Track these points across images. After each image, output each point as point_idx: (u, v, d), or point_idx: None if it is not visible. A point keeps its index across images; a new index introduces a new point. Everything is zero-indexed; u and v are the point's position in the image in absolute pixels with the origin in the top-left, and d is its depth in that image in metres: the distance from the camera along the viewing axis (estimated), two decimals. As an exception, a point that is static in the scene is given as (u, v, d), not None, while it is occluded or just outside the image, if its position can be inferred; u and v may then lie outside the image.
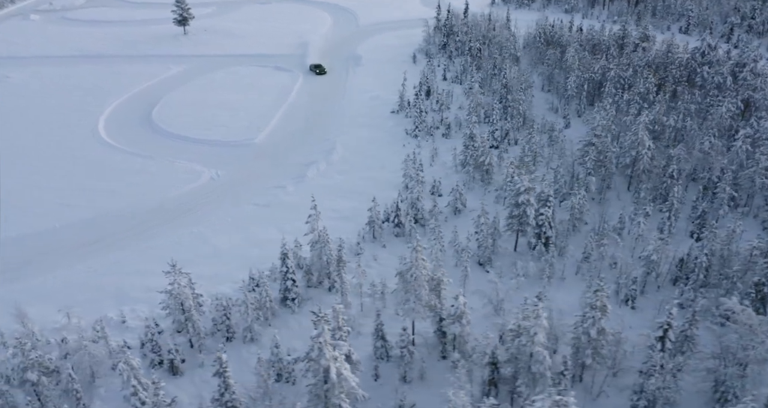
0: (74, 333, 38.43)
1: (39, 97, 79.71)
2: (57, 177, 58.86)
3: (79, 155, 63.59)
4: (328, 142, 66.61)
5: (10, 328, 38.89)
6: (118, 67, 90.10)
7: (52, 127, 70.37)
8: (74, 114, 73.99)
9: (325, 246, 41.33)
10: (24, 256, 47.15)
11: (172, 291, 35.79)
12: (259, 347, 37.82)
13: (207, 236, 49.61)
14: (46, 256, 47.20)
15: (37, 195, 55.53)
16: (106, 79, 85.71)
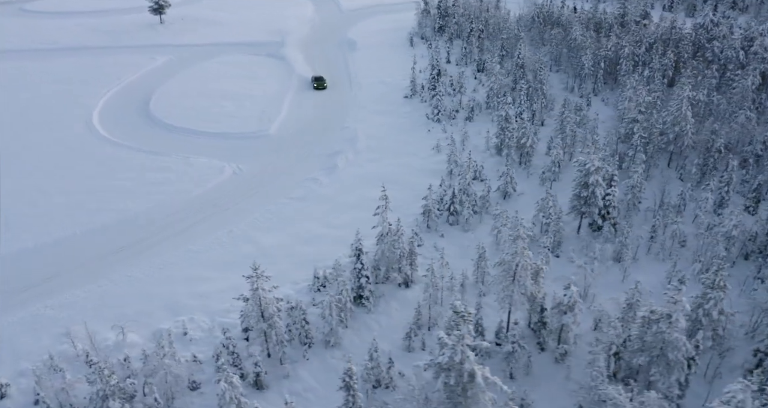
0: (132, 350, 34.63)
1: (23, 92, 72.97)
2: (61, 178, 53.52)
3: (80, 154, 58.19)
4: (349, 131, 63.35)
5: (56, 349, 34.64)
6: (100, 59, 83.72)
7: (43, 124, 64.28)
8: (65, 110, 67.96)
9: (399, 238, 38.47)
10: (47, 268, 42.23)
11: (253, 297, 32.29)
12: (342, 352, 34.85)
13: (248, 235, 45.86)
14: (73, 266, 42.49)
15: (44, 199, 50.27)
16: (90, 71, 79.43)
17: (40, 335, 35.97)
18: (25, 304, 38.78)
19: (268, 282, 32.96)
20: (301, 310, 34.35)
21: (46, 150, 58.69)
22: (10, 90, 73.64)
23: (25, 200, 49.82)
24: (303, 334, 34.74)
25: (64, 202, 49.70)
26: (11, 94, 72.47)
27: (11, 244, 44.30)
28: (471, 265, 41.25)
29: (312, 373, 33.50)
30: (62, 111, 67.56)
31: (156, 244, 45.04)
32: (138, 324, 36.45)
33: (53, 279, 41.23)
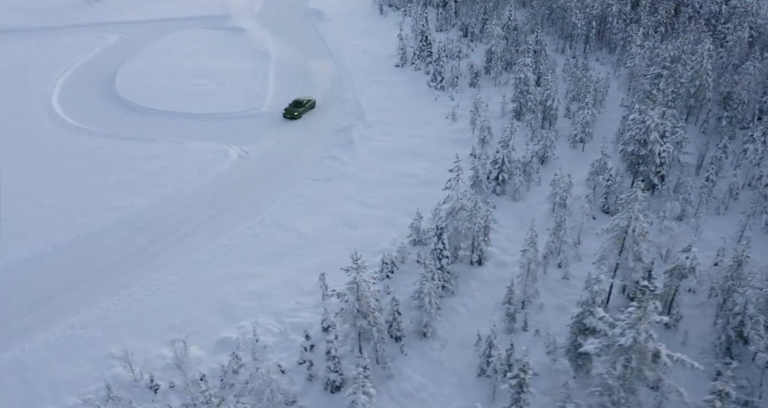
0: (200, 366, 29.56)
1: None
2: (44, 178, 45.79)
3: (56, 147, 50.23)
4: (351, 103, 58.68)
5: (105, 376, 28.95)
6: (41, 41, 73.50)
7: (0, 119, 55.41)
8: (19, 98, 58.84)
9: (476, 213, 35.03)
10: (55, 279, 35.63)
11: (352, 290, 27.94)
12: (439, 341, 31.31)
13: (283, 222, 40.87)
14: (86, 275, 36.13)
15: (29, 202, 42.71)
16: (34, 55, 69.46)
17: (76, 360, 30.00)
18: (44, 325, 32.40)
19: (367, 273, 28.67)
20: (395, 301, 30.38)
21: (14, 147, 50.18)
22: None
23: (7, 205, 42.11)
24: (396, 327, 30.88)
25: (56, 204, 42.39)
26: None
27: (4, 254, 37.15)
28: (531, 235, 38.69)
29: (415, 369, 29.80)
30: (17, 102, 58.45)
31: (179, 242, 39.20)
32: (196, 335, 31.22)
33: (67, 292, 34.84)
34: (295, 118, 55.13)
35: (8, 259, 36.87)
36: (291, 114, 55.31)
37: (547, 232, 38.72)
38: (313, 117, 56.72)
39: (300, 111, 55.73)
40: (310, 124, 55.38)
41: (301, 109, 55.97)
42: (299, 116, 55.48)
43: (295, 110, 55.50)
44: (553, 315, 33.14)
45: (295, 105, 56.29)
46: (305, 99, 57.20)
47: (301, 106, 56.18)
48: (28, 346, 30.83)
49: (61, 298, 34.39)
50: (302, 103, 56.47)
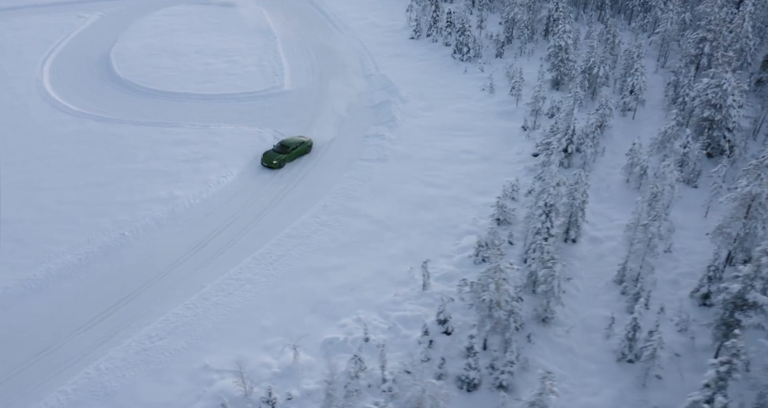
0: (311, 372, 26.35)
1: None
2: (54, 169, 40.58)
3: (60, 135, 44.78)
4: (377, 78, 55.11)
5: (209, 393, 25.39)
6: (9, 23, 66.00)
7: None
8: (6, 85, 52.50)
9: (578, 188, 32.64)
10: (112, 285, 31.40)
11: (486, 278, 25.16)
12: (562, 327, 29.00)
13: (348, 208, 37.42)
14: (146, 277, 31.94)
15: (50, 197, 37.70)
16: (7, 38, 62.23)
17: (168, 377, 26.16)
18: (113, 339, 28.28)
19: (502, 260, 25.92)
20: (516, 287, 27.82)
21: (13, 138, 44.51)
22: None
23: (26, 203, 36.98)
24: (517, 315, 28.39)
25: (80, 198, 37.52)
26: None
27: (44, 261, 32.41)
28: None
29: (548, 358, 27.41)
30: (3, 89, 52.14)
31: (241, 234, 35.33)
32: (295, 337, 27.84)
33: (128, 300, 30.69)
34: (273, 167, 41.30)
35: (50, 267, 32.20)
36: (269, 162, 41.37)
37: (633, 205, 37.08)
38: (333, 93, 52.59)
39: (282, 158, 41.57)
40: (335, 102, 51.32)
41: (284, 156, 41.69)
42: (280, 165, 41.53)
43: (275, 157, 41.47)
44: (668, 290, 31.39)
45: (280, 149, 42.33)
46: (295, 141, 42.90)
47: (286, 151, 42.07)
48: (103, 366, 26.79)
49: (124, 307, 30.21)
50: (290, 147, 42.31)
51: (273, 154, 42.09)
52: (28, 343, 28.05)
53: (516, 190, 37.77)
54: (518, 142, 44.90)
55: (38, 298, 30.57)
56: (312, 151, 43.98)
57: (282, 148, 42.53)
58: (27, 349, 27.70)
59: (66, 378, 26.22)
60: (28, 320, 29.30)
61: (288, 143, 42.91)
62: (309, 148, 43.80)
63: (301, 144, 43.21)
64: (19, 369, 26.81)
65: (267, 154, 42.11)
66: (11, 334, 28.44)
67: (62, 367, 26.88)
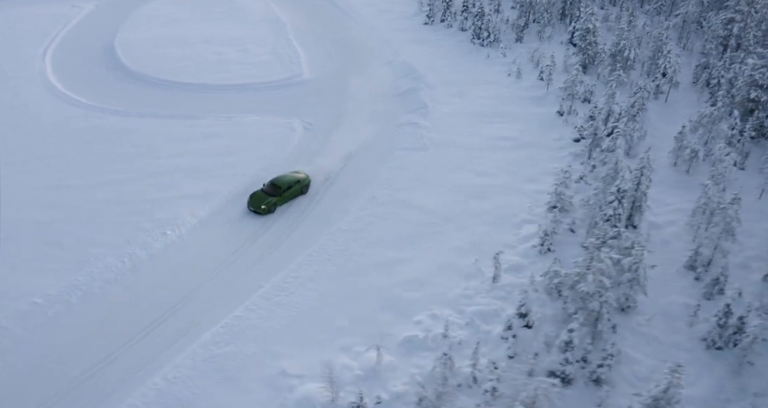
0: (395, 373, 24.98)
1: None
2: (75, 166, 38.16)
3: (76, 131, 42.22)
4: (399, 65, 53.38)
5: (291, 400, 23.83)
6: (4, 13, 62.24)
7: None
8: (9, 78, 49.44)
9: (646, 171, 31.66)
10: (163, 290, 29.48)
11: (584, 268, 24.03)
12: (642, 315, 28.09)
13: (397, 198, 35.83)
14: (198, 279, 30.04)
15: (78, 195, 35.30)
16: (2, 29, 58.72)
17: (244, 385, 24.43)
18: (176, 346, 26.47)
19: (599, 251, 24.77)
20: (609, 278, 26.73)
21: (24, 135, 41.82)
22: None
23: (52, 203, 34.63)
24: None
25: (110, 197, 35.14)
26: None
27: (86, 266, 30.21)
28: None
29: (636, 348, 26.36)
30: (6, 82, 49.11)
31: (291, 230, 33.67)
32: (373, 337, 26.42)
33: (184, 303, 28.82)
34: (261, 212, 34.25)
35: (93, 271, 29.97)
36: (257, 206, 34.25)
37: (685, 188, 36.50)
38: (356, 81, 50.50)
39: (273, 202, 34.51)
40: (358, 91, 49.42)
41: (275, 199, 34.59)
42: (270, 210, 34.58)
43: (264, 200, 34.41)
44: (739, 275, 30.71)
45: (271, 190, 35.15)
46: (289, 180, 35.75)
47: (277, 192, 34.90)
48: (171, 375, 24.95)
49: (180, 311, 28.39)
50: (282, 187, 35.14)
51: (261, 196, 34.82)
52: (81, 354, 26.07)
53: (569, 177, 36.72)
54: (556, 127, 43.86)
55: (85, 305, 28.50)
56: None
57: (273, 188, 35.19)
58: (81, 361, 25.74)
59: (131, 390, 24.34)
60: (77, 329, 27.30)
61: (280, 183, 35.49)
62: (306, 187, 36.52)
63: (296, 183, 35.87)
64: (75, 383, 24.85)
65: (254, 196, 34.93)
66: (61, 345, 26.39)
67: (124, 379, 25.02)
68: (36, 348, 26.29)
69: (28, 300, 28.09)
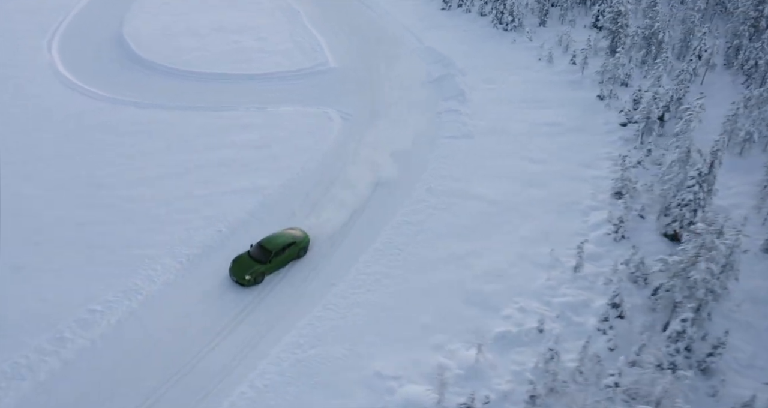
0: (496, 371, 23.76)
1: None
2: (105, 162, 35.86)
3: (99, 124, 39.72)
4: (426, 51, 51.83)
5: (390, 401, 22.42)
6: (1, 4, 58.74)
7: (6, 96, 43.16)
8: (17, 71, 46.43)
9: (719, 154, 30.83)
10: (234, 290, 27.68)
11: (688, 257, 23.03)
12: (732, 301, 27.32)
13: (453, 189, 34.42)
14: (268, 278, 28.32)
15: (117, 195, 33.18)
16: (4, 21, 55.35)
17: (341, 389, 22.84)
18: (255, 350, 24.80)
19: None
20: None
21: (47, 132, 39.21)
22: None
23: (91, 206, 32.41)
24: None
25: (153, 195, 33.04)
26: None
27: (138, 267, 28.22)
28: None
29: (734, 336, 25.56)
30: (15, 75, 46.14)
31: (352, 225, 32.01)
32: (462, 333, 25.12)
33: (255, 304, 27.05)
34: (245, 284, 27.24)
35: (151, 273, 28.00)
36: (240, 277, 27.22)
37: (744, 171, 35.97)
38: (383, 69, 49.00)
39: (260, 271, 27.48)
40: (388, 79, 47.63)
41: (263, 268, 27.51)
42: (256, 281, 27.50)
43: (250, 269, 27.30)
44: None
45: (259, 254, 27.94)
46: (283, 240, 28.51)
47: (266, 258, 27.69)
48: (259, 383, 23.25)
49: (254, 313, 26.66)
50: (274, 250, 27.87)
51: (247, 262, 27.66)
52: (152, 364, 24.20)
53: (626, 162, 35.79)
54: (599, 111, 42.92)
55: (148, 310, 26.53)
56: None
57: (261, 252, 27.93)
58: (153, 372, 23.88)
59: (218, 401, 22.66)
60: (143, 337, 25.37)
61: (271, 245, 28.09)
62: (303, 250, 29.31)
63: (290, 245, 28.54)
64: (155, 397, 23.02)
65: (238, 261, 27.85)
66: (128, 357, 24.45)
67: (208, 389, 23.28)
68: (102, 360, 24.28)
69: (87, 307, 26.05)
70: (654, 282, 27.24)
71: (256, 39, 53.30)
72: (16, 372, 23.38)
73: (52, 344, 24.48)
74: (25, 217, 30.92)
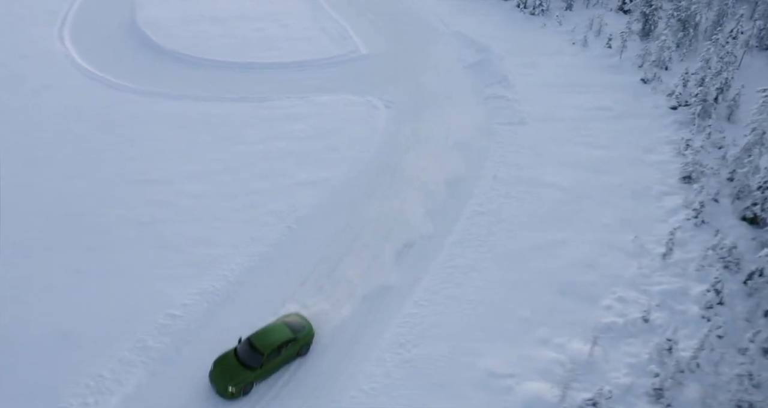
0: (609, 365, 22.96)
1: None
2: (155, 157, 33.93)
3: (145, 121, 37.65)
4: (456, 36, 50.39)
5: (512, 401, 21.45)
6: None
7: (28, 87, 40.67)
8: (34, 63, 43.83)
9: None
10: (313, 288, 26.34)
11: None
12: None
13: (521, 176, 33.40)
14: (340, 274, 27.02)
15: (174, 191, 31.31)
16: (4, 10, 52.16)
17: (455, 390, 21.93)
18: (354, 353, 23.56)
19: None
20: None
21: (82, 126, 36.99)
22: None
23: (147, 204, 30.56)
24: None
25: (211, 190, 31.33)
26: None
27: (209, 267, 26.62)
28: None
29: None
30: (33, 68, 43.54)
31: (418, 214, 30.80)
32: (565, 325, 24.26)
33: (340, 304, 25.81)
34: (229, 396, 21.03)
35: (226, 274, 26.50)
36: (222, 388, 21.04)
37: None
38: (416, 56, 47.50)
39: (247, 380, 21.22)
40: (422, 66, 46.15)
41: (252, 375, 21.30)
42: (245, 391, 21.30)
43: (234, 378, 21.06)
44: None
45: (247, 356, 21.66)
46: (279, 338, 22.14)
47: (257, 361, 21.44)
48: (367, 386, 22.02)
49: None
50: (266, 351, 21.58)
51: (231, 366, 21.41)
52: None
53: (690, 146, 35.25)
54: (645, 95, 42.21)
55: (225, 313, 25.01)
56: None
57: (250, 353, 21.69)
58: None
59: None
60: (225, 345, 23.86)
61: (262, 344, 21.84)
62: (306, 346, 22.99)
63: (288, 342, 22.19)
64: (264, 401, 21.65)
65: (220, 365, 21.64)
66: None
67: (305, 398, 21.96)
68: (190, 369, 22.74)
69: (166, 312, 24.49)
70: (747, 267, 26.79)
71: (280, 26, 51.24)
72: (102, 386, 21.81)
73: (137, 354, 22.93)
74: (81, 217, 29.02)
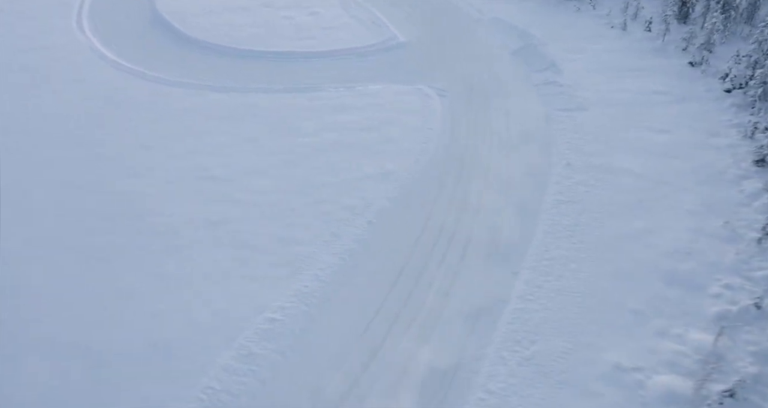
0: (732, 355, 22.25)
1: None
2: (222, 156, 32.30)
3: (192, 114, 35.89)
4: (493, 22, 49.31)
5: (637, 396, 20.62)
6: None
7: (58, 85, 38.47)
8: (59, 55, 41.56)
9: None
10: (410, 281, 25.12)
11: None
12: None
13: (594, 164, 32.36)
14: (434, 270, 25.84)
15: (238, 188, 29.79)
16: (10, 6, 49.53)
17: (587, 387, 20.64)
18: (467, 353, 22.48)
19: None
20: None
21: (127, 122, 35.07)
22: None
23: (214, 202, 28.94)
24: None
25: (279, 186, 29.81)
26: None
27: (298, 267, 25.23)
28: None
29: None
30: (69, 64, 41.29)
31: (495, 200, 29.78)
32: (677, 315, 23.47)
33: (435, 298, 24.67)
34: None
35: (318, 273, 25.12)
36: None
37: None
38: (452, 43, 46.34)
39: None
40: (463, 53, 45.17)
41: None
42: None
43: None
44: None
45: None
46: None
47: None
48: (494, 387, 20.91)
49: (433, 307, 24.25)
50: None
51: None
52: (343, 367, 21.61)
53: (758, 128, 34.74)
54: (696, 79, 41.57)
55: (326, 314, 23.74)
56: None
57: None
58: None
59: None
60: (329, 346, 22.60)
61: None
62: None
63: None
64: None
65: None
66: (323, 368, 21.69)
67: (441, 396, 20.88)
68: (299, 375, 21.45)
69: (265, 316, 23.08)
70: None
71: (309, 14, 49.58)
72: (214, 398, 20.35)
73: (243, 362, 21.50)
74: (144, 218, 27.35)
